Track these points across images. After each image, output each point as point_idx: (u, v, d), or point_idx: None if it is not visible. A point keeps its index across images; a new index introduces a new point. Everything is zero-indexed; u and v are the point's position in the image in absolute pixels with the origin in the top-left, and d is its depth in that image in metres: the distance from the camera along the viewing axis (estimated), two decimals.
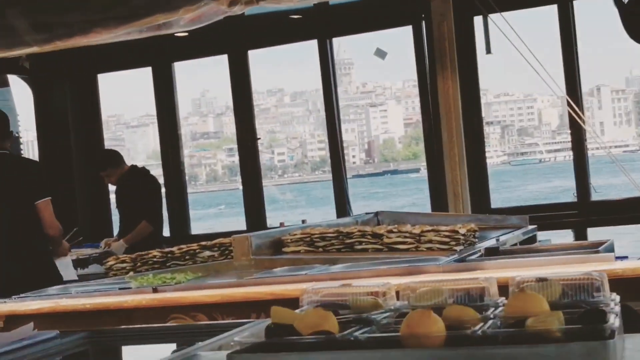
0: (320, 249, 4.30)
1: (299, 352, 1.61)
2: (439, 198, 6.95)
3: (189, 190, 8.42)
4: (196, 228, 8.34)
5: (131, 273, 4.57)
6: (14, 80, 7.80)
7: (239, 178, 8.13)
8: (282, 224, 6.38)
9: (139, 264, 4.67)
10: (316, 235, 4.34)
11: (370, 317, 1.78)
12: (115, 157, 6.96)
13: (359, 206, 8.01)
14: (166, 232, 7.28)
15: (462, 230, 4.19)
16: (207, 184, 54.75)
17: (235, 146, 7.97)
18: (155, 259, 4.66)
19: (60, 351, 2.36)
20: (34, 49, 3.69)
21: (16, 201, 5.13)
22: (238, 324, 2.44)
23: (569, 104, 6.14)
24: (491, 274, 2.71)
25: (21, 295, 4.08)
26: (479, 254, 4.11)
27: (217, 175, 55.74)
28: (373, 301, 1.94)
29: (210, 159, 55.23)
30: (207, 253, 4.60)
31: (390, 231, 4.21)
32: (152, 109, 8.15)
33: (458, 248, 4.09)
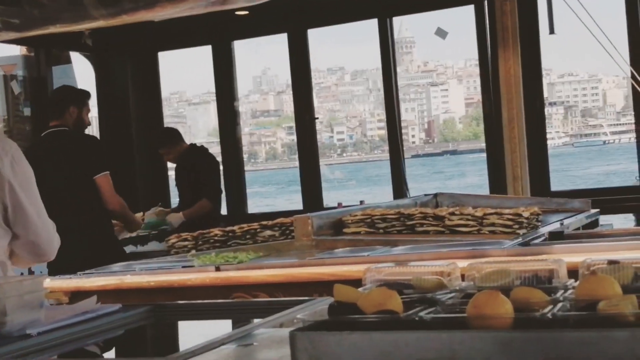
0: (381, 230, 4.28)
1: (362, 331, 1.59)
2: (498, 180, 6.87)
3: (248, 168, 8.47)
4: (254, 206, 8.38)
5: (193, 251, 4.61)
6: (76, 57, 7.90)
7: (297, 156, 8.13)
8: (340, 205, 6.37)
9: (200, 242, 4.71)
10: (377, 217, 4.31)
11: (435, 297, 1.75)
12: (173, 135, 7.01)
13: (416, 187, 7.96)
14: (223, 210, 7.33)
15: (526, 214, 4.12)
16: (266, 162, 55.00)
17: (294, 124, 7.96)
18: (216, 238, 4.69)
19: (123, 324, 2.38)
20: (100, 23, 3.72)
21: (75, 176, 5.19)
22: (298, 301, 2.43)
23: (634, 84, 6.00)
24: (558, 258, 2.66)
25: (86, 271, 4.14)
26: (543, 237, 4.04)
27: (276, 154, 55.94)
28: (437, 281, 1.91)
29: (270, 137, 55.44)
30: (268, 232, 4.61)
31: (452, 213, 4.16)
32: (213, 87, 8.18)
33: (521, 232, 4.03)
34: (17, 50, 7.30)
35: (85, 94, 5.52)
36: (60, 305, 3.02)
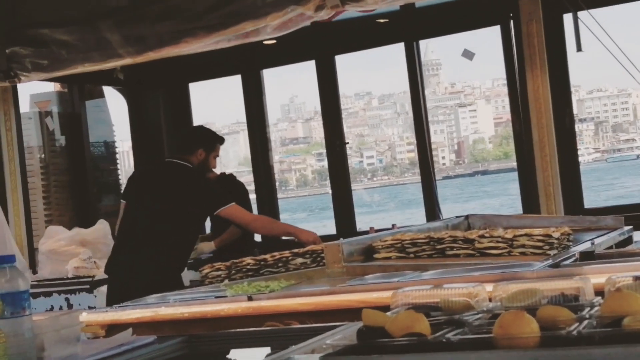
0: (412, 255, 4.29)
1: (391, 355, 1.62)
2: (530, 198, 6.85)
3: (280, 195, 8.49)
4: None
5: (226, 281, 4.65)
6: (109, 91, 8.01)
7: (328, 182, 8.16)
8: (372, 229, 6.38)
9: (233, 271, 4.75)
10: (407, 241, 4.33)
11: (463, 319, 1.77)
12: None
13: (449, 208, 7.96)
14: (257, 237, 7.38)
15: (556, 234, 4.11)
16: (297, 189, 55.08)
17: (324, 151, 8.01)
18: (249, 267, 4.72)
19: (158, 356, 2.42)
20: (127, 61, 3.80)
21: (170, 207, 5.25)
22: (329, 327, 2.46)
23: None
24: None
25: (122, 304, 4.19)
26: (574, 258, 4.02)
27: (307, 180, 56.01)
28: (465, 303, 1.93)
29: (300, 164, 55.55)
30: (300, 260, 4.63)
31: (482, 236, 4.17)
32: (242, 116, 8.26)
33: (552, 252, 4.01)
34: (52, 87, 7.44)
35: (217, 140, 5.72)
36: (97, 339, 3.07)
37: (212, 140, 5.64)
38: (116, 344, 2.38)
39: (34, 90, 7.45)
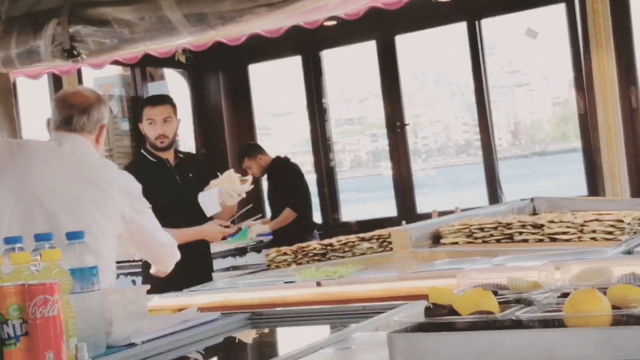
0: (480, 240, 4.26)
1: (460, 332, 1.61)
2: (594, 180, 6.75)
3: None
4: (345, 215, 8.42)
5: (293, 265, 4.68)
6: (170, 73, 8.08)
7: (383, 163, 8.16)
8: (435, 212, 6.33)
9: (299, 255, 4.77)
10: (474, 226, 4.30)
11: (531, 297, 1.76)
12: (250, 150, 7.22)
13: (508, 189, 7.87)
14: (317, 219, 7.43)
15: (627, 219, 4.03)
16: (351, 170, 54.98)
17: (379, 132, 8.03)
18: (315, 251, 4.74)
19: (222, 332, 2.45)
20: (189, 39, 3.81)
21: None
22: (392, 306, 2.46)
23: None
24: None
25: (192, 289, 4.23)
26: None
27: (360, 161, 55.86)
28: (532, 281, 1.91)
29: (354, 145, 55.42)
30: (366, 245, 4.63)
31: (552, 221, 4.11)
32: (299, 98, 8.28)
33: (623, 238, 3.94)
34: (114, 70, 7.53)
35: (141, 105, 5.24)
36: (162, 315, 3.11)
37: (138, 109, 5.23)
38: (182, 319, 2.42)
39: (98, 74, 7.55)
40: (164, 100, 5.04)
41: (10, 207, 3.12)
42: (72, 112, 3.30)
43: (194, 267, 4.75)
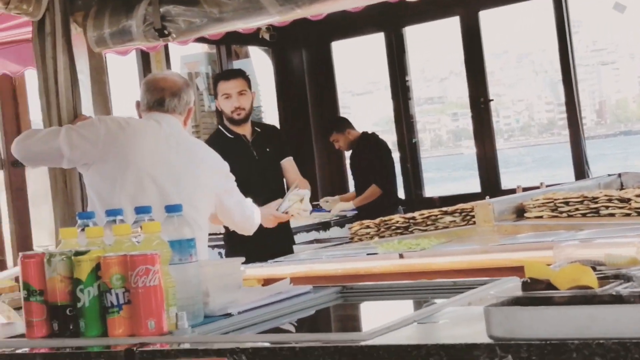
0: (565, 214, 4.22)
1: (558, 307, 1.60)
2: None
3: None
4: (427, 191, 8.41)
5: (375, 238, 4.71)
6: (254, 51, 8.15)
7: (464, 142, 8.11)
8: (519, 188, 6.29)
9: (382, 229, 4.80)
10: (559, 200, 4.25)
11: (630, 273, 1.74)
12: (340, 123, 7.24)
13: (595, 169, 7.74)
14: (401, 195, 7.43)
15: None
16: (431, 149, 54.64)
17: (459, 111, 7.97)
18: (397, 225, 4.76)
19: (314, 305, 2.49)
20: (276, 19, 3.83)
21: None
22: (482, 282, 2.46)
23: None
24: None
25: (276, 259, 4.31)
26: None
27: (441, 141, 55.41)
28: (630, 257, 1.90)
29: (434, 124, 54.96)
30: (449, 218, 4.64)
31: (639, 195, 4.05)
32: (379, 77, 8.27)
33: None
34: (200, 48, 7.63)
35: (215, 80, 5.23)
36: (256, 287, 3.18)
37: (213, 85, 5.23)
38: (274, 291, 2.46)
39: (184, 52, 7.67)
40: (237, 73, 5.09)
41: (120, 177, 3.28)
42: (163, 94, 3.49)
43: (276, 240, 4.85)
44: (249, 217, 3.67)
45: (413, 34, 8.38)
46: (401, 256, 3.95)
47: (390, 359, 1.68)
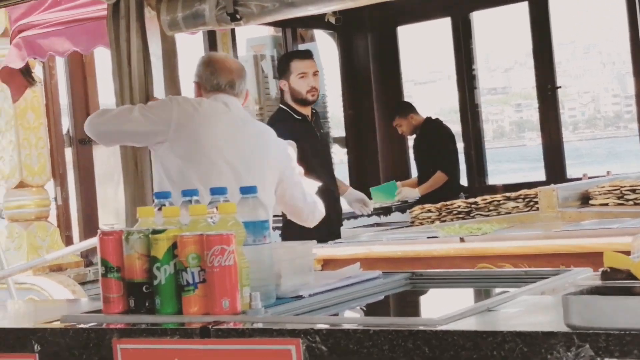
0: (631, 202, 4.16)
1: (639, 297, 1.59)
2: None
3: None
4: (490, 179, 8.34)
5: (437, 222, 4.70)
6: (320, 35, 8.14)
7: (527, 134, 8.00)
8: (585, 176, 6.20)
9: (443, 213, 4.79)
10: (626, 188, 4.20)
11: None
12: (403, 108, 7.22)
13: None
14: (464, 182, 7.38)
15: None
16: (494, 140, 54.14)
17: (523, 102, 7.85)
18: (459, 209, 4.75)
19: (383, 290, 2.50)
20: (347, 4, 3.84)
21: None
22: (553, 272, 2.44)
23: None
24: None
25: (336, 241, 4.34)
26: None
27: (504, 132, 54.83)
28: None
29: (497, 115, 54.37)
30: (511, 204, 4.61)
31: None
32: (443, 66, 8.21)
33: None
34: (265, 31, 7.66)
35: (290, 58, 5.06)
36: (326, 271, 3.20)
37: (284, 63, 5.02)
38: (344, 276, 2.48)
39: (250, 35, 7.70)
40: (311, 54, 5.08)
41: (192, 157, 3.30)
42: (233, 76, 3.49)
43: (325, 223, 4.90)
44: (313, 204, 3.56)
45: (480, 20, 8.28)
46: (462, 240, 3.95)
47: (465, 344, 1.69)
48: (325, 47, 8.30)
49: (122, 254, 2.12)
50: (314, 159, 4.73)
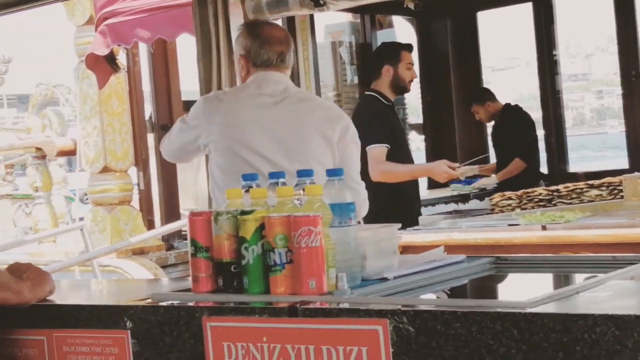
0: None
1: None
2: None
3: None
4: (571, 167, 8.21)
5: (517, 210, 4.66)
6: (398, 21, 8.12)
7: (608, 122, 7.83)
8: None
9: (524, 201, 4.75)
10: None
11: None
12: (480, 95, 7.18)
13: None
14: (544, 169, 7.29)
15: None
16: (573, 127, 53.23)
17: (605, 88, 7.69)
18: (540, 197, 4.70)
19: (467, 274, 2.49)
20: None
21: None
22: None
23: None
24: None
25: (415, 227, 4.34)
26: None
27: (584, 119, 53.84)
28: None
29: (577, 102, 53.40)
30: (595, 192, 4.54)
31: None
32: (521, 52, 8.09)
33: None
34: (344, 17, 7.67)
35: (401, 48, 5.24)
36: (410, 255, 3.20)
37: (394, 51, 5.17)
38: (429, 259, 2.48)
39: (329, 21, 7.72)
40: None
41: (227, 152, 3.20)
42: (282, 48, 3.21)
43: (404, 209, 4.89)
44: (359, 193, 3.33)
45: (562, 4, 8.14)
46: (544, 228, 3.90)
47: (555, 327, 1.67)
48: (403, 33, 8.28)
49: (211, 234, 2.16)
50: (403, 145, 5.01)
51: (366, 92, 5.27)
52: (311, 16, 6.66)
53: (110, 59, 5.36)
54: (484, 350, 1.72)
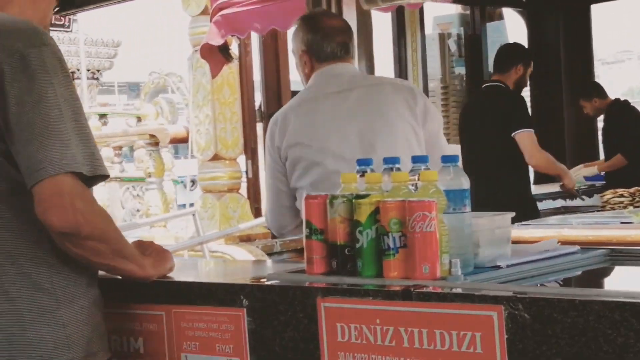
0: None
1: None
2: None
3: None
4: None
5: (630, 207, 4.56)
6: (508, 13, 8.01)
7: None
8: None
9: (637, 198, 4.65)
10: None
11: None
12: (587, 90, 7.07)
13: None
14: None
15: None
16: None
17: None
18: None
19: (580, 265, 2.46)
20: None
21: (496, 133, 5.21)
22: None
23: None
24: None
25: (523, 223, 4.27)
26: None
27: None
28: None
29: None
30: None
31: None
32: (633, 44, 7.87)
33: None
34: (454, 9, 7.62)
35: (531, 55, 5.66)
36: (523, 244, 3.18)
37: (529, 56, 5.58)
38: (542, 249, 2.46)
39: (437, 13, 7.69)
40: None
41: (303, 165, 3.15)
42: (344, 38, 3.06)
43: (519, 204, 4.87)
44: None
45: None
46: None
47: None
48: (513, 25, 8.17)
49: (326, 217, 2.19)
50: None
51: (495, 81, 5.38)
52: (421, 8, 6.65)
53: (224, 49, 5.46)
54: (601, 340, 1.70)
